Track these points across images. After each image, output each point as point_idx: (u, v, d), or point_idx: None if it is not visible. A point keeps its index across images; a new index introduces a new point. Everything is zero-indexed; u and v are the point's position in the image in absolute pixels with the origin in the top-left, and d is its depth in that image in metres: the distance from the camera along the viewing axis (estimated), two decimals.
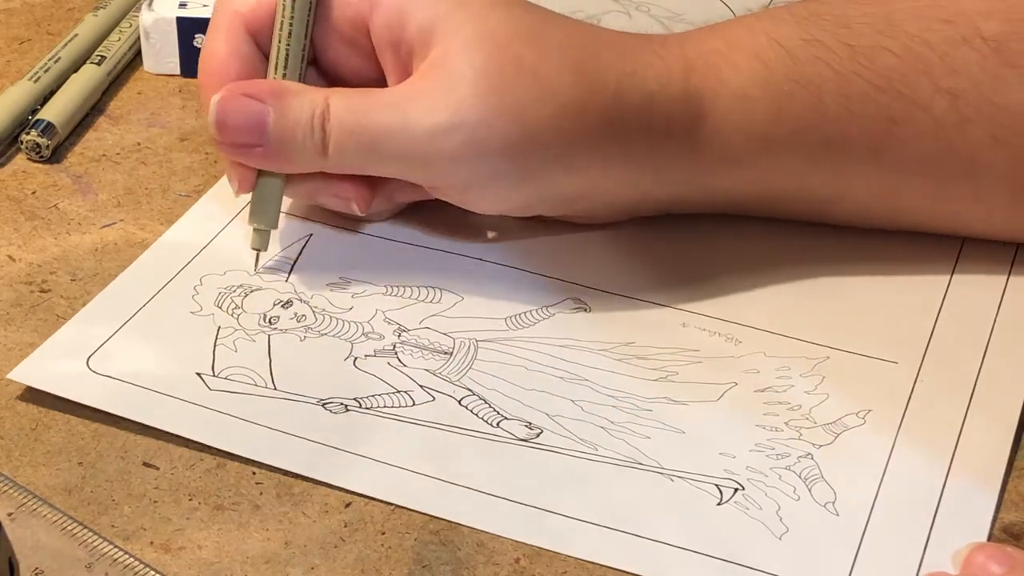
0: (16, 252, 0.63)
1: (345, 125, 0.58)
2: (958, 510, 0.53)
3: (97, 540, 0.51)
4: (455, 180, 0.59)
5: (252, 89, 0.59)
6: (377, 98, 0.58)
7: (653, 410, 0.57)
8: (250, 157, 0.59)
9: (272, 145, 0.58)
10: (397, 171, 0.59)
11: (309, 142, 0.58)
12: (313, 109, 0.58)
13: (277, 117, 0.58)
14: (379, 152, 0.58)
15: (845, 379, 0.58)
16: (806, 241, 0.64)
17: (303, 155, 0.58)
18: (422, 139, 0.57)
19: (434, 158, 0.58)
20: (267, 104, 0.58)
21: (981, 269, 0.63)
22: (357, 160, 0.59)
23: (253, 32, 0.60)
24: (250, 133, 0.58)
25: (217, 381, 0.57)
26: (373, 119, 0.58)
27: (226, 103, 0.58)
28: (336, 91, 0.59)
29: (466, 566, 0.51)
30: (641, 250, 0.64)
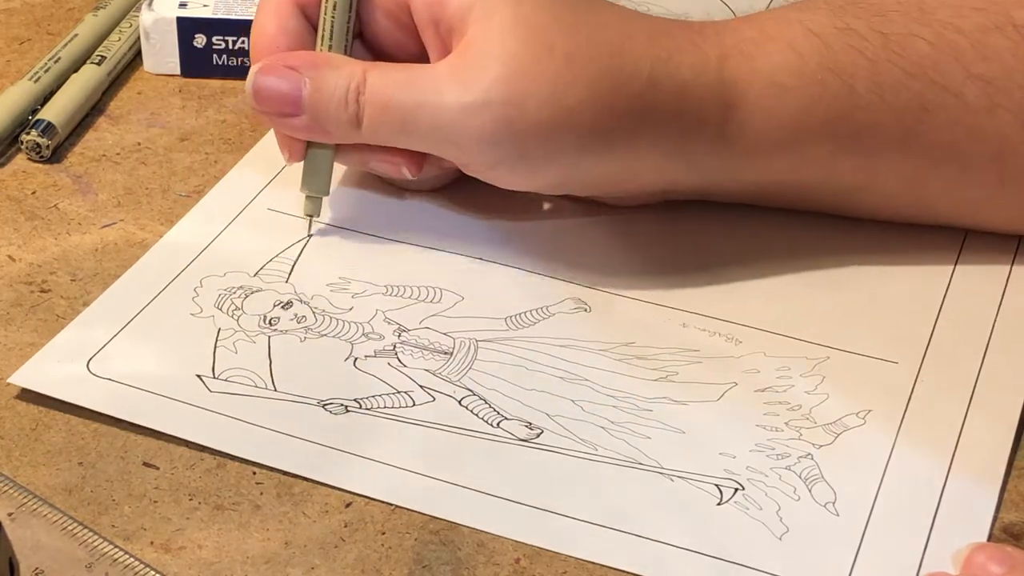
0: (16, 252, 0.63)
1: (378, 99, 0.59)
2: (958, 510, 0.53)
3: (97, 540, 0.51)
4: (484, 158, 0.60)
5: (291, 60, 0.60)
6: (413, 74, 0.59)
7: (653, 410, 0.57)
8: (290, 127, 0.60)
9: (309, 115, 0.60)
10: (428, 146, 0.60)
11: (344, 114, 0.59)
12: (349, 82, 0.59)
13: (313, 89, 0.59)
14: (410, 127, 0.59)
15: (845, 379, 0.58)
16: (806, 241, 0.64)
17: (339, 126, 0.60)
18: (452, 116, 0.58)
19: (463, 135, 0.59)
20: (304, 75, 0.59)
21: (981, 268, 0.63)
22: (389, 134, 0.60)
23: (302, 5, 0.61)
24: (286, 103, 0.60)
25: (217, 383, 0.57)
26: (406, 94, 0.59)
27: (264, 73, 0.60)
28: (375, 65, 0.60)
29: (466, 566, 0.51)
30: (642, 250, 0.64)
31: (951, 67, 0.60)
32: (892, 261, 0.64)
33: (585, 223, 0.65)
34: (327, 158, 0.62)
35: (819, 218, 0.65)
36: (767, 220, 0.65)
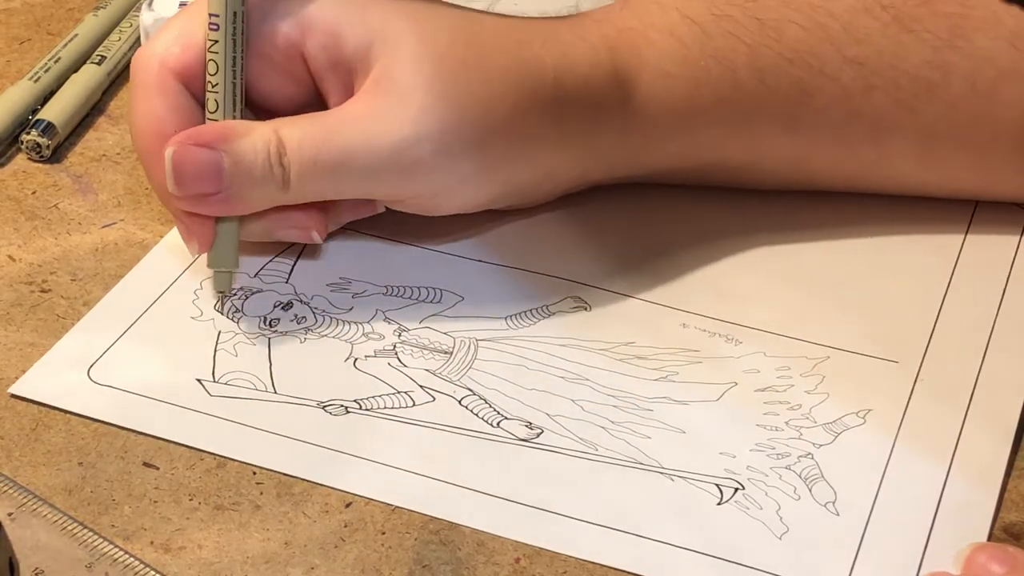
0: (16, 252, 0.63)
1: (305, 155, 0.57)
2: (958, 510, 0.53)
3: (97, 540, 0.51)
4: (423, 190, 0.59)
5: (200, 137, 0.57)
6: (330, 122, 0.57)
7: (653, 410, 0.57)
8: (209, 205, 0.57)
9: (230, 189, 0.57)
10: (363, 191, 0.59)
11: (269, 179, 0.57)
12: (267, 146, 0.56)
13: (232, 161, 0.56)
14: (344, 175, 0.57)
15: (845, 379, 0.58)
16: (807, 241, 0.64)
17: (263, 193, 0.57)
18: (389, 156, 0.57)
19: (403, 172, 0.57)
20: (219, 150, 0.56)
21: (981, 268, 0.63)
22: (321, 187, 0.58)
23: (185, 81, 0.58)
24: (208, 182, 0.56)
25: (217, 387, 0.57)
26: (334, 145, 0.57)
27: (179, 156, 0.56)
28: (282, 122, 0.57)
29: (466, 566, 0.51)
30: (642, 249, 0.64)
31: (826, 51, 0.61)
32: (892, 261, 0.64)
33: (585, 223, 0.65)
34: (233, 231, 0.58)
35: (819, 218, 0.65)
36: (767, 220, 0.65)
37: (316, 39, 0.58)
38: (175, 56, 0.58)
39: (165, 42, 0.58)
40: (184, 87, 0.58)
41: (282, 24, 0.58)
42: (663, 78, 0.61)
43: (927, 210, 0.66)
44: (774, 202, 0.66)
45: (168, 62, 0.58)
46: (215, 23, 0.57)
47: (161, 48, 0.58)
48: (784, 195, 0.66)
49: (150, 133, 0.58)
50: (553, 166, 0.62)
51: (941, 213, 0.66)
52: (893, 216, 0.66)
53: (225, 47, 0.57)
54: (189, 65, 0.58)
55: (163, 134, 0.57)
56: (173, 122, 0.58)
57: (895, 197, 0.66)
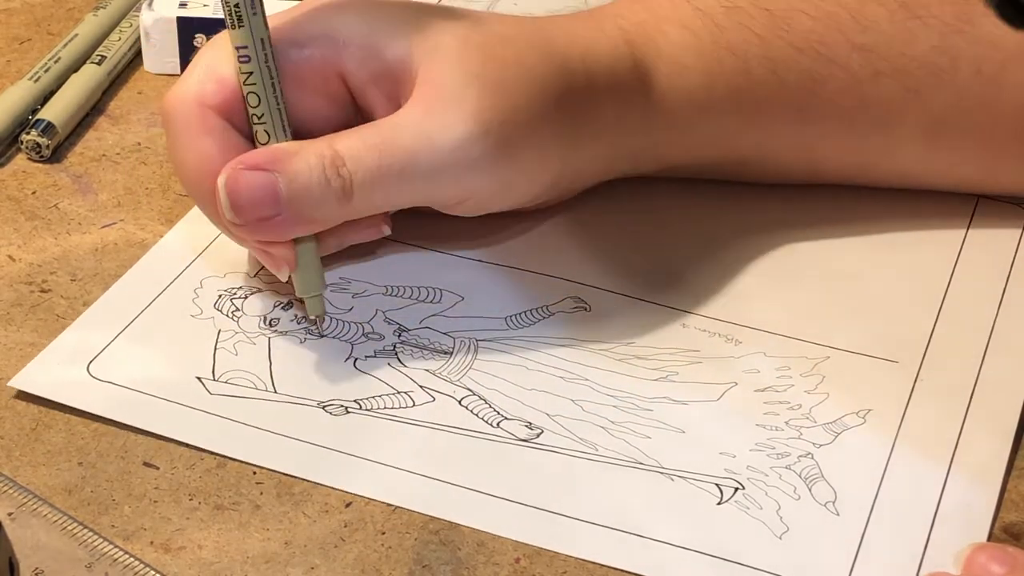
0: (16, 252, 0.63)
1: (366, 163, 0.56)
2: (958, 510, 0.53)
3: (97, 540, 0.51)
4: (487, 185, 0.58)
5: (252, 161, 0.56)
6: (386, 129, 0.57)
7: (653, 410, 0.57)
8: (271, 230, 0.56)
9: (290, 209, 0.56)
10: (426, 193, 0.58)
11: (328, 193, 0.56)
12: (322, 160, 0.56)
13: (288, 180, 0.55)
14: (408, 180, 0.56)
15: (845, 379, 0.58)
16: (807, 241, 0.64)
17: (325, 208, 0.56)
18: (451, 153, 0.56)
19: (466, 169, 0.57)
20: (272, 171, 0.56)
21: (981, 268, 0.63)
22: (384, 194, 0.57)
23: (227, 117, 0.57)
24: (265, 205, 0.55)
25: (217, 385, 0.57)
26: (395, 149, 0.56)
27: (233, 183, 0.55)
28: (336, 137, 0.57)
29: (466, 566, 0.51)
30: (642, 250, 0.64)
31: (835, 39, 0.62)
32: (892, 261, 0.64)
33: (586, 223, 0.65)
34: (312, 251, 0.58)
35: (819, 218, 0.65)
36: (767, 221, 0.65)
37: (354, 55, 0.58)
38: (212, 93, 0.57)
39: (197, 81, 0.57)
40: (227, 123, 0.57)
41: (316, 46, 0.58)
42: (680, 70, 0.62)
43: (927, 210, 0.66)
44: (774, 202, 0.66)
45: (206, 100, 0.57)
46: (245, 55, 0.56)
47: (195, 87, 0.57)
48: (784, 195, 0.66)
49: (203, 174, 0.57)
50: (588, 159, 0.62)
51: (941, 213, 0.66)
52: (893, 216, 0.66)
53: (261, 76, 0.56)
54: (227, 100, 0.57)
55: (215, 172, 0.56)
56: (224, 158, 0.56)
57: (895, 196, 0.66)
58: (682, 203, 0.66)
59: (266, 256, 0.58)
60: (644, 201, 0.66)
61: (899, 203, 0.66)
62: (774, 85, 0.62)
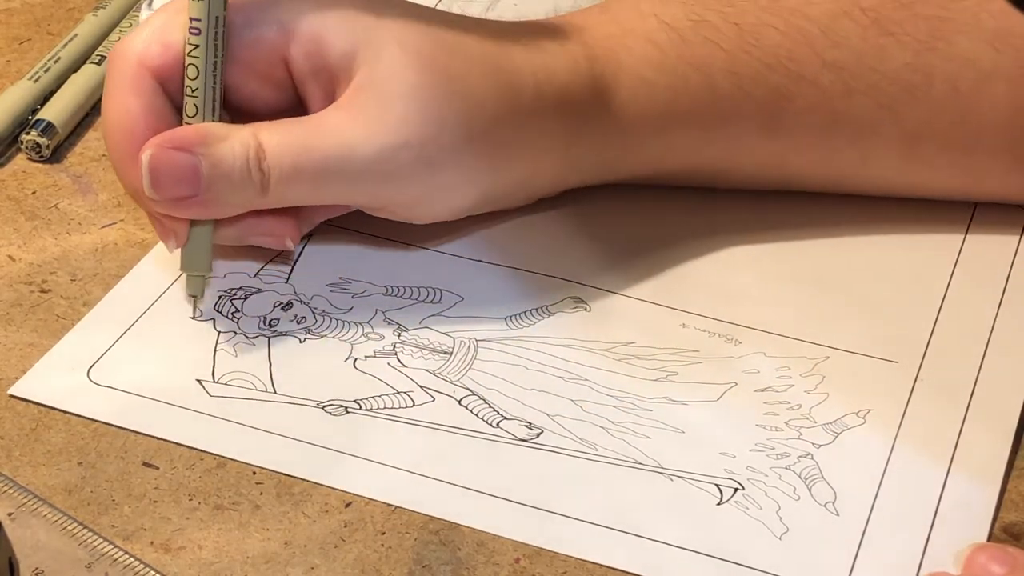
0: (16, 252, 0.63)
1: (285, 161, 0.56)
2: (958, 510, 0.53)
3: (97, 540, 0.51)
4: (403, 197, 0.59)
5: (178, 141, 0.56)
6: (312, 128, 0.57)
7: (653, 410, 0.57)
8: (185, 209, 0.57)
9: (208, 193, 0.56)
10: (342, 197, 0.59)
11: (248, 184, 0.56)
12: (246, 151, 0.56)
13: (210, 165, 0.56)
14: (325, 182, 0.57)
15: (845, 379, 0.58)
16: (806, 242, 0.64)
17: (241, 197, 0.57)
18: (370, 163, 0.57)
19: (384, 180, 0.57)
20: (197, 153, 0.56)
21: (981, 268, 0.63)
22: (300, 192, 0.57)
23: (161, 80, 0.57)
24: (185, 185, 0.56)
25: (217, 387, 0.57)
26: (315, 151, 0.56)
27: (156, 160, 0.56)
28: (262, 127, 0.57)
29: (466, 566, 0.51)
30: (642, 250, 0.64)
31: (805, 55, 0.61)
32: (892, 261, 0.64)
33: (585, 223, 0.65)
34: (207, 235, 0.58)
35: (819, 218, 0.65)
36: (768, 220, 0.65)
37: (300, 46, 0.58)
38: (154, 55, 0.57)
39: (144, 40, 0.58)
40: (160, 87, 0.57)
41: (266, 30, 0.58)
42: (641, 84, 0.61)
43: (927, 210, 0.66)
44: (774, 202, 0.66)
45: (146, 61, 0.57)
46: (196, 27, 0.56)
47: (140, 46, 0.58)
48: (784, 195, 0.66)
49: (123, 131, 0.57)
50: (531, 173, 0.62)
51: (941, 213, 0.66)
52: (893, 216, 0.66)
53: (206, 51, 0.57)
54: (167, 65, 0.57)
55: (135, 133, 0.57)
56: (147, 122, 0.57)
57: (896, 200, 0.66)
58: (682, 203, 0.66)
59: (159, 225, 0.58)
60: (644, 201, 0.66)
61: (899, 203, 0.66)
62: (740, 100, 0.62)
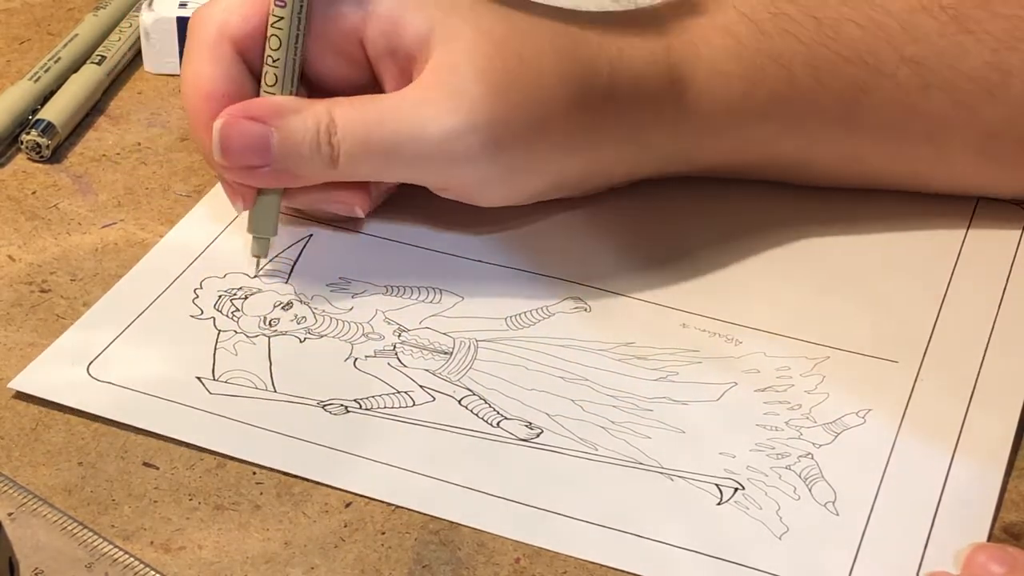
0: (16, 252, 0.63)
1: (356, 137, 0.58)
2: (958, 510, 0.53)
3: (97, 540, 0.51)
4: (471, 179, 0.60)
5: (252, 111, 0.58)
6: (384, 106, 0.58)
7: (653, 410, 0.57)
8: (255, 178, 0.59)
9: (278, 164, 0.58)
10: (409, 176, 0.60)
11: (317, 157, 0.58)
12: (317, 124, 0.58)
13: (281, 138, 0.57)
14: (393, 160, 0.58)
15: (845, 378, 0.58)
16: (806, 241, 0.64)
17: (311, 170, 0.58)
18: (438, 144, 0.58)
19: (452, 161, 0.58)
20: (270, 125, 0.58)
21: (981, 268, 0.63)
22: (369, 168, 0.59)
23: (241, 50, 0.59)
24: (255, 155, 0.58)
25: (217, 385, 0.57)
26: (386, 128, 0.58)
27: (228, 128, 0.58)
28: (337, 102, 0.58)
29: (466, 566, 0.51)
30: (641, 249, 0.64)
31: (884, 50, 0.62)
32: (892, 261, 0.64)
33: (585, 223, 0.65)
34: (275, 200, 0.60)
35: (819, 218, 0.65)
36: (768, 220, 0.65)
37: (376, 25, 0.59)
38: (234, 25, 0.59)
39: (226, 8, 0.59)
40: (239, 55, 0.59)
41: (345, 7, 0.59)
42: (718, 76, 0.61)
43: (927, 210, 0.66)
44: (774, 203, 0.66)
45: (226, 29, 0.59)
46: (283, 0, 0.58)
47: (221, 14, 0.59)
48: (784, 195, 0.66)
49: (200, 96, 0.59)
50: (603, 162, 0.62)
51: (941, 213, 0.66)
52: (893, 216, 0.66)
53: (290, 24, 0.58)
54: (247, 35, 0.59)
55: (213, 97, 0.58)
56: (224, 88, 0.59)
57: (896, 197, 0.66)
58: (682, 203, 0.66)
59: (227, 186, 0.60)
60: (644, 202, 0.66)
61: (899, 203, 0.66)
62: (818, 93, 0.62)
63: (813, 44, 0.62)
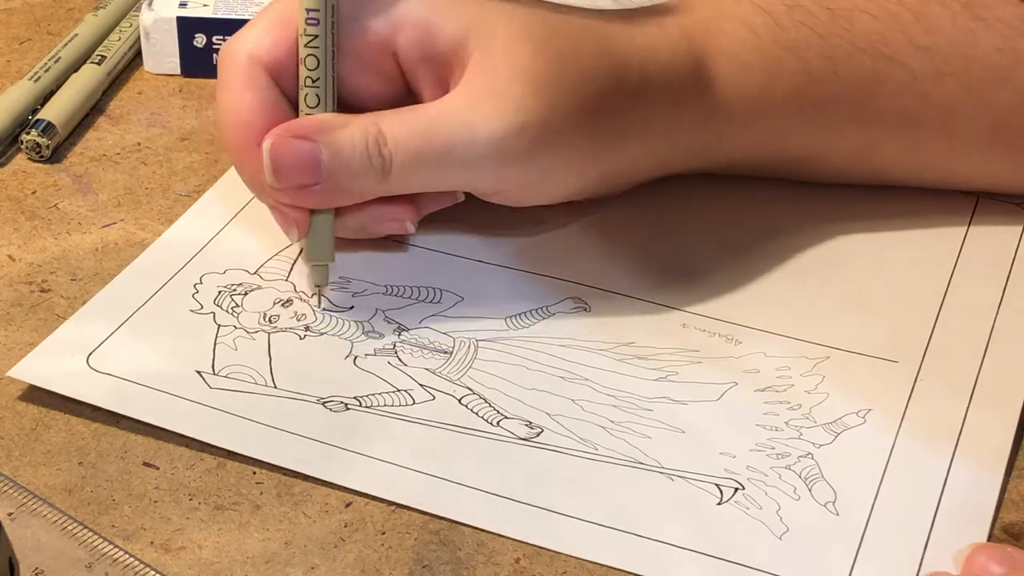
0: (16, 252, 0.63)
1: (407, 146, 0.57)
2: (958, 510, 0.53)
3: (97, 540, 0.51)
4: (520, 180, 0.59)
5: (298, 130, 0.57)
6: (430, 114, 0.58)
7: (653, 410, 0.57)
8: (308, 197, 0.58)
9: (330, 180, 0.57)
10: (462, 181, 0.59)
11: (369, 170, 0.57)
12: (366, 138, 0.57)
13: (330, 154, 0.57)
14: (446, 167, 0.57)
15: (845, 378, 0.58)
16: (807, 241, 0.64)
17: (363, 184, 0.57)
18: (489, 147, 0.57)
19: (503, 163, 0.58)
20: (317, 141, 0.57)
21: (982, 267, 0.63)
22: (422, 178, 0.58)
23: (274, 75, 0.58)
24: (306, 173, 0.57)
25: (217, 379, 0.57)
26: (435, 136, 0.57)
27: (278, 149, 0.57)
28: (382, 114, 0.58)
29: (466, 566, 0.51)
30: (641, 249, 0.64)
31: (897, 39, 0.62)
32: (892, 261, 0.64)
33: (584, 223, 0.65)
34: (329, 223, 0.59)
35: (819, 218, 0.65)
36: (768, 221, 0.65)
37: (408, 35, 0.58)
38: (265, 50, 0.58)
39: (254, 36, 0.59)
40: (272, 81, 0.58)
41: (373, 21, 0.58)
42: (739, 68, 0.62)
43: (927, 209, 0.66)
44: (775, 203, 0.66)
45: (258, 56, 0.58)
46: (315, 17, 0.57)
47: (250, 42, 0.59)
48: (783, 195, 0.66)
49: (240, 126, 0.58)
50: (637, 156, 0.62)
51: (941, 212, 0.66)
52: (893, 216, 0.66)
53: (325, 41, 0.58)
54: (279, 59, 0.58)
55: (253, 127, 0.58)
56: (263, 115, 0.58)
57: (896, 196, 0.66)
58: (681, 204, 0.66)
59: (280, 216, 0.59)
60: (644, 202, 0.66)
61: (899, 203, 0.66)
62: (834, 84, 0.62)
63: (828, 35, 0.62)
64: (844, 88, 0.62)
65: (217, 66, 0.60)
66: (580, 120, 0.59)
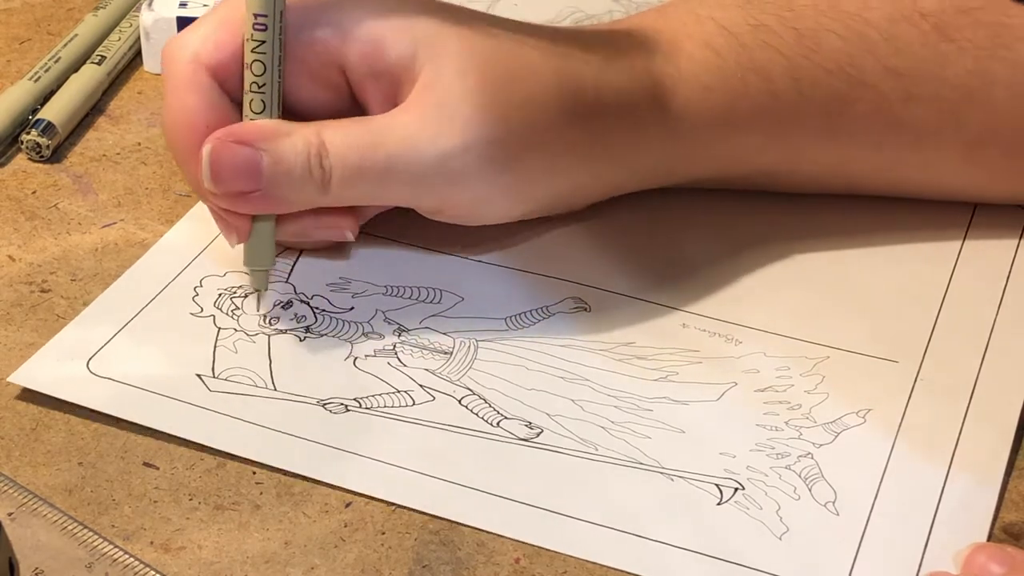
0: (16, 252, 0.63)
1: (348, 161, 0.56)
2: (958, 510, 0.53)
3: (97, 540, 0.51)
4: (465, 199, 0.59)
5: (240, 135, 0.56)
6: (375, 128, 0.57)
7: (653, 410, 0.57)
8: (246, 204, 0.57)
9: (269, 188, 0.56)
10: (404, 198, 0.59)
11: (308, 180, 0.56)
12: (308, 148, 0.56)
13: (271, 161, 0.56)
14: (388, 183, 0.57)
15: (845, 378, 0.58)
16: (806, 242, 0.64)
17: (302, 194, 0.57)
18: (434, 165, 0.56)
19: (447, 182, 0.57)
20: (259, 148, 0.56)
21: (981, 268, 0.63)
22: (362, 192, 0.57)
23: (219, 78, 0.57)
24: (246, 179, 0.56)
25: (217, 382, 0.57)
26: (378, 152, 0.56)
27: (218, 153, 0.56)
28: (326, 125, 0.57)
29: (466, 566, 0.51)
30: (641, 250, 0.64)
31: (865, 61, 0.61)
32: (892, 261, 0.64)
33: (585, 224, 0.65)
34: (270, 230, 0.58)
35: (819, 219, 0.65)
36: (767, 221, 0.65)
37: (357, 48, 0.57)
38: (210, 52, 0.57)
39: (200, 37, 0.58)
40: (218, 84, 0.58)
41: (322, 32, 0.58)
42: (700, 90, 0.61)
43: (927, 210, 0.66)
44: (775, 203, 0.66)
45: (202, 57, 0.57)
46: (263, 24, 0.56)
47: (196, 43, 0.58)
48: (784, 196, 0.66)
49: (182, 127, 0.57)
50: (590, 177, 0.61)
51: (941, 213, 0.66)
52: (893, 216, 0.66)
53: (272, 47, 0.57)
54: (224, 63, 0.57)
55: (196, 129, 0.57)
56: (207, 118, 0.57)
57: (895, 198, 0.66)
58: (682, 204, 0.66)
59: (221, 221, 0.58)
60: (644, 203, 0.66)
61: (899, 203, 0.66)
62: (800, 105, 0.61)
63: (794, 56, 0.61)
64: (811, 109, 0.61)
65: (162, 63, 0.59)
66: (528, 141, 0.58)
